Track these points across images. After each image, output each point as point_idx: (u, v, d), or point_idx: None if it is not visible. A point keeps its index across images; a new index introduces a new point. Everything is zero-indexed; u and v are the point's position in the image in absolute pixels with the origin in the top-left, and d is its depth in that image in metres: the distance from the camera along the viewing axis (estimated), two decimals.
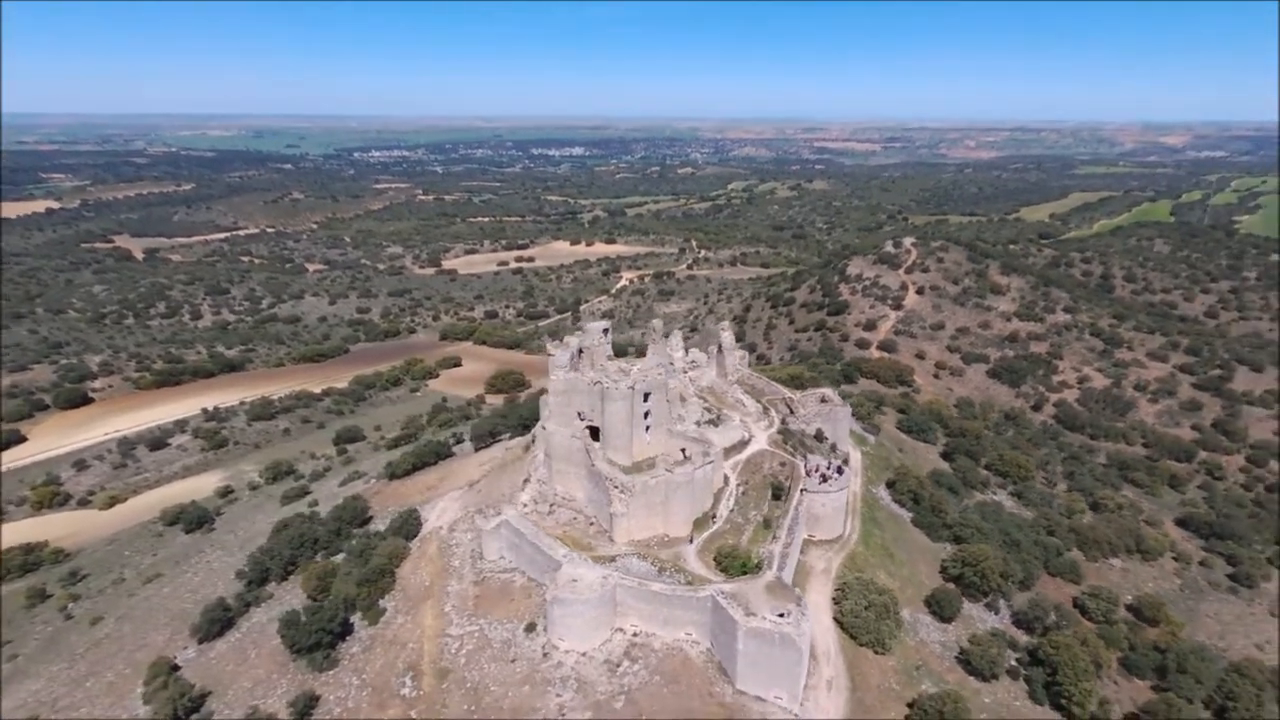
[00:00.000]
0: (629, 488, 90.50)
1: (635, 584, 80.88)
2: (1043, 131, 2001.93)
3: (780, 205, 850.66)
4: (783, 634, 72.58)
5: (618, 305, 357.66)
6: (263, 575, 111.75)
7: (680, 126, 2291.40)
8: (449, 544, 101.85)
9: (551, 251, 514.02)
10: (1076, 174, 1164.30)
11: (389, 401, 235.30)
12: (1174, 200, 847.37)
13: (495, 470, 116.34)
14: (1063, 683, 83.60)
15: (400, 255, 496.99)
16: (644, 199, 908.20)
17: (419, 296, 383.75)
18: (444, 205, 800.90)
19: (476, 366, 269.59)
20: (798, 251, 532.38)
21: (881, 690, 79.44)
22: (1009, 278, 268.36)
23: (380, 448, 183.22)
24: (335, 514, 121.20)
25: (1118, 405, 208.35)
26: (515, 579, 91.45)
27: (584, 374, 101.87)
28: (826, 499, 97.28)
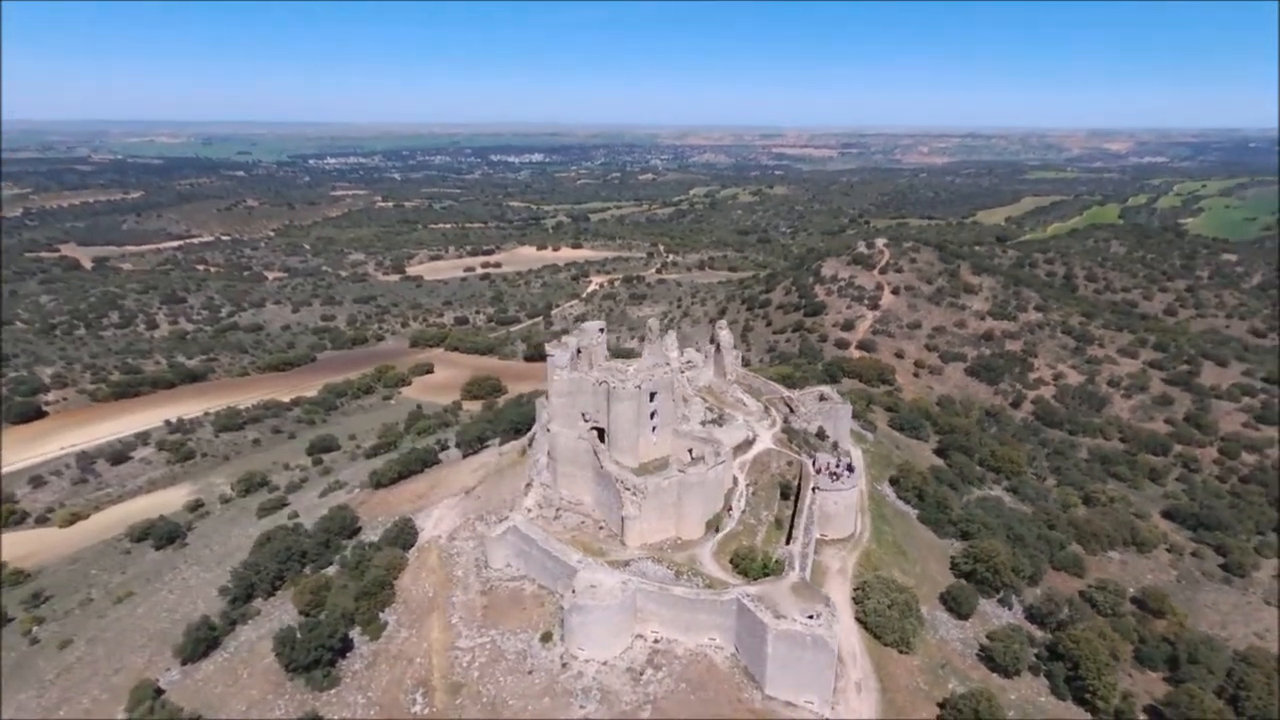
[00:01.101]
0: (641, 489, 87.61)
1: (656, 589, 77.96)
2: (993, 138, 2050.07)
3: (743, 210, 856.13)
4: (815, 636, 70.29)
5: (590, 309, 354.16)
6: (248, 591, 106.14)
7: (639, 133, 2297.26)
8: (450, 553, 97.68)
9: (518, 257, 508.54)
10: (1027, 179, 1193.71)
11: (362, 410, 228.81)
12: (1121, 204, 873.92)
13: (492, 476, 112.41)
14: (1085, 677, 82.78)
15: (363, 262, 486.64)
16: (607, 204, 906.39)
17: (385, 303, 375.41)
18: (404, 212, 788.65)
19: (450, 373, 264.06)
20: (764, 255, 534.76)
21: (910, 690, 77.64)
22: (980, 277, 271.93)
23: (358, 457, 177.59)
24: (322, 525, 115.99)
25: (1093, 401, 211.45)
26: (525, 587, 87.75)
27: (589, 374, 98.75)
28: (839, 497, 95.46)
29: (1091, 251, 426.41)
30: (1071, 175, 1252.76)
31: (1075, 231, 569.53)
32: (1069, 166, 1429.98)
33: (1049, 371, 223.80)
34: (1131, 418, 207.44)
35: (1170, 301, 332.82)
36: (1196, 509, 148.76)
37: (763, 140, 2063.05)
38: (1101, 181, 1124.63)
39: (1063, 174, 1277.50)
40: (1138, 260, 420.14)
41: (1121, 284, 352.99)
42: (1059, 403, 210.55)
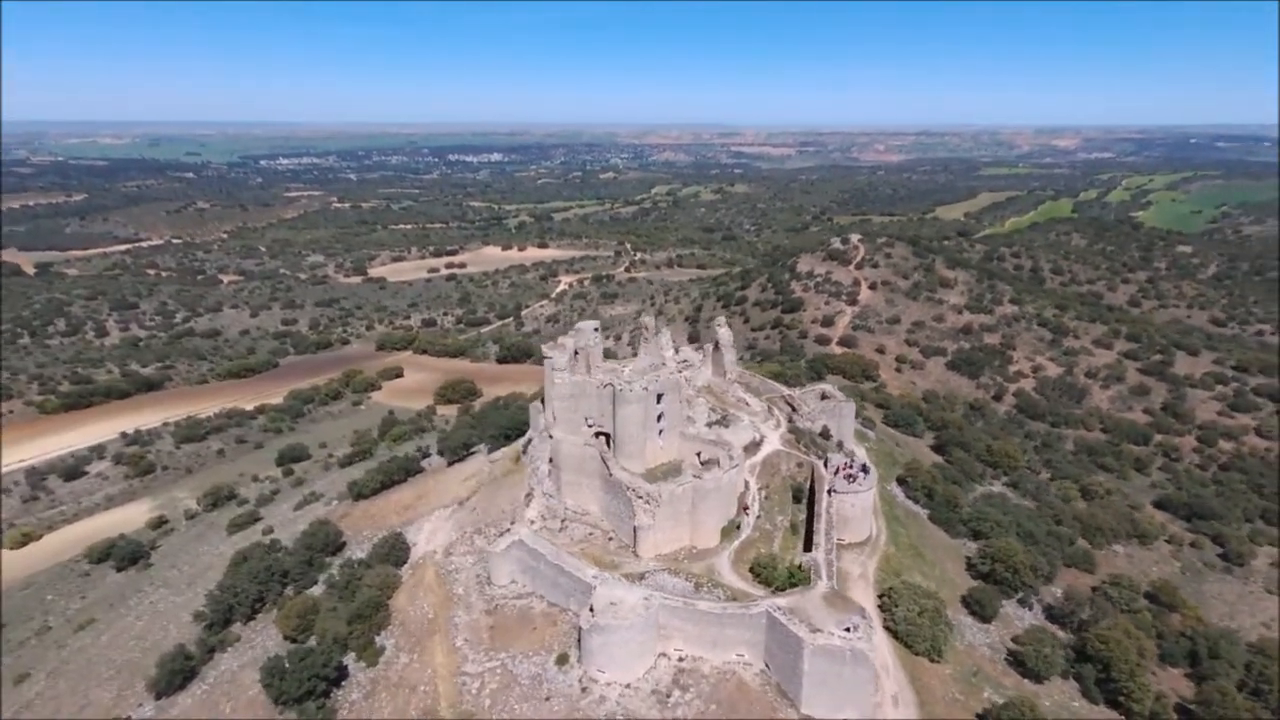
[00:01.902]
0: (655, 497, 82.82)
1: (681, 604, 73.21)
2: (946, 135, 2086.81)
3: (706, 208, 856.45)
4: (854, 651, 66.26)
5: (560, 309, 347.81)
6: (226, 616, 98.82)
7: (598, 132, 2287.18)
8: (448, 569, 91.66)
9: (483, 257, 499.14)
10: (981, 175, 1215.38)
11: (330, 416, 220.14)
12: (1074, 198, 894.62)
13: (486, 485, 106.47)
14: (1118, 679, 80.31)
15: (322, 264, 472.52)
16: (569, 203, 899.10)
17: (348, 306, 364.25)
18: (362, 213, 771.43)
19: (420, 376, 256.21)
20: (731, 252, 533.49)
21: (947, 702, 74.14)
22: (955, 271, 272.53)
23: (332, 466, 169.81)
24: (303, 542, 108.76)
25: (1072, 392, 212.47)
26: (533, 605, 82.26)
27: (592, 376, 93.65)
28: (856, 499, 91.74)
29: (1055, 245, 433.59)
30: (1024, 171, 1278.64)
31: (1036, 225, 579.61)
32: (1020, 163, 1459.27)
33: (1028, 364, 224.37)
34: (1111, 408, 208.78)
35: (1133, 293, 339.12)
36: (1186, 498, 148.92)
37: (721, 139, 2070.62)
38: (1053, 177, 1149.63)
39: (1015, 170, 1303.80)
40: (1098, 253, 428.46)
41: (1086, 276, 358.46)
42: (1040, 395, 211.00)
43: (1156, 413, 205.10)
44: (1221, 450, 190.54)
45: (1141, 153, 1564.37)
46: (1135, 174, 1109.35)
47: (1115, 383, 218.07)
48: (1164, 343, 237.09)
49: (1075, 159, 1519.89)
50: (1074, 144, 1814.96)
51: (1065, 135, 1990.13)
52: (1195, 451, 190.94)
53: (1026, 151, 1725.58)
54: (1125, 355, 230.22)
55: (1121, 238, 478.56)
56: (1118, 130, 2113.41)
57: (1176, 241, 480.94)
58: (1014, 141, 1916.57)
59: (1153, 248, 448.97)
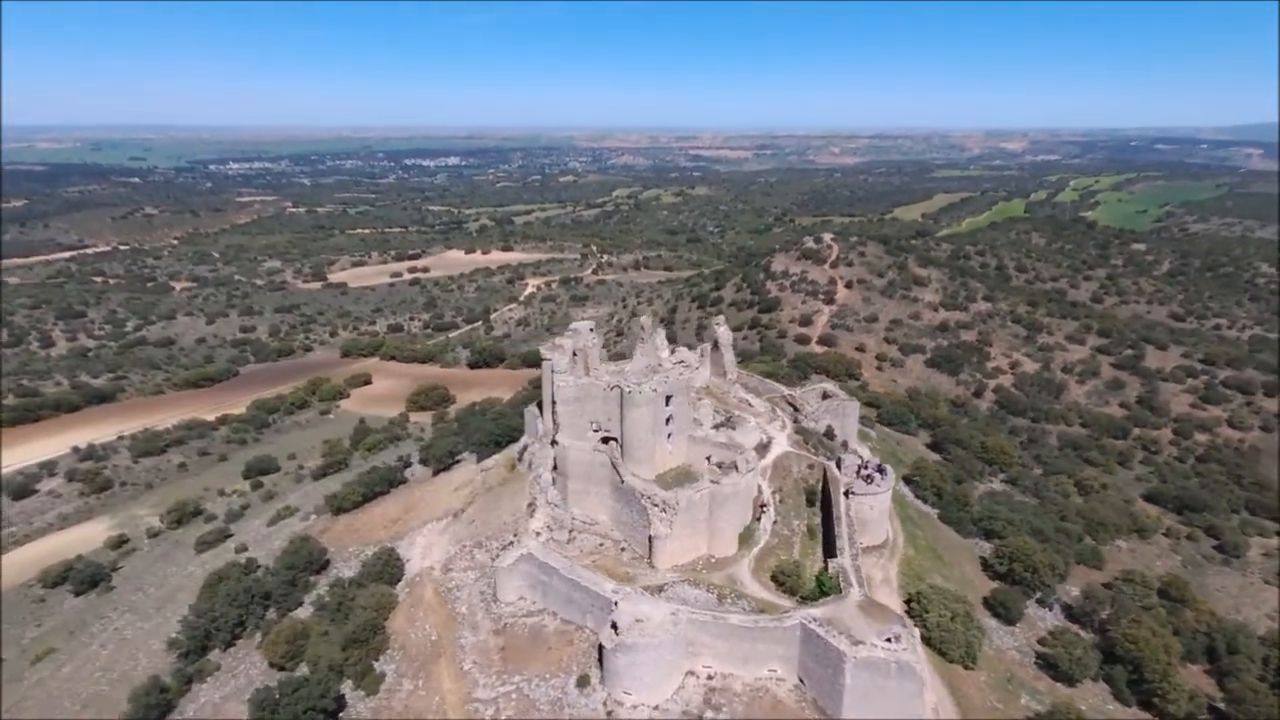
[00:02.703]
0: (672, 505, 78.42)
1: (710, 619, 68.87)
2: (899, 138, 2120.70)
3: (669, 210, 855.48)
4: (899, 663, 62.66)
5: (530, 312, 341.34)
6: (203, 643, 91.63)
7: (556, 136, 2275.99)
8: (448, 587, 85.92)
9: (446, 261, 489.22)
10: (935, 177, 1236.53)
11: (298, 426, 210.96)
12: (1025, 199, 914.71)
13: (482, 495, 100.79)
14: (1151, 679, 78.25)
15: (280, 270, 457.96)
16: (530, 206, 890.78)
17: (310, 312, 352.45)
18: (318, 217, 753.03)
19: (390, 383, 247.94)
20: (697, 254, 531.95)
21: (987, 710, 71.07)
22: (928, 269, 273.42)
23: (304, 478, 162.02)
24: (285, 560, 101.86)
25: (1050, 388, 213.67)
26: (546, 623, 77.14)
27: (598, 378, 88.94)
28: (874, 500, 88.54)
29: (1017, 244, 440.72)
30: (976, 173, 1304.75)
31: (995, 225, 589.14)
32: (972, 165, 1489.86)
33: (1005, 360, 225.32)
34: (1089, 403, 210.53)
35: (1095, 290, 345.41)
36: (1175, 491, 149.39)
37: (679, 142, 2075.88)
38: (1003, 179, 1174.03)
39: (967, 172, 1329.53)
40: (1058, 251, 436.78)
41: (1050, 274, 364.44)
42: (1019, 391, 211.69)
43: (1132, 406, 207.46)
44: (1197, 442, 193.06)
45: (1086, 155, 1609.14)
46: (1082, 175, 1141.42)
47: (1091, 378, 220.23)
48: (1134, 338, 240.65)
49: (1024, 161, 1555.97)
50: (1022, 146, 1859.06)
51: (1013, 138, 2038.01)
52: (1172, 444, 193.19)
53: (977, 154, 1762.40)
54: (1098, 350, 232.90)
55: (1078, 236, 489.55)
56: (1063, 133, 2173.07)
57: (1130, 240, 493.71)
58: (965, 144, 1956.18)
59: (1108, 246, 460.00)
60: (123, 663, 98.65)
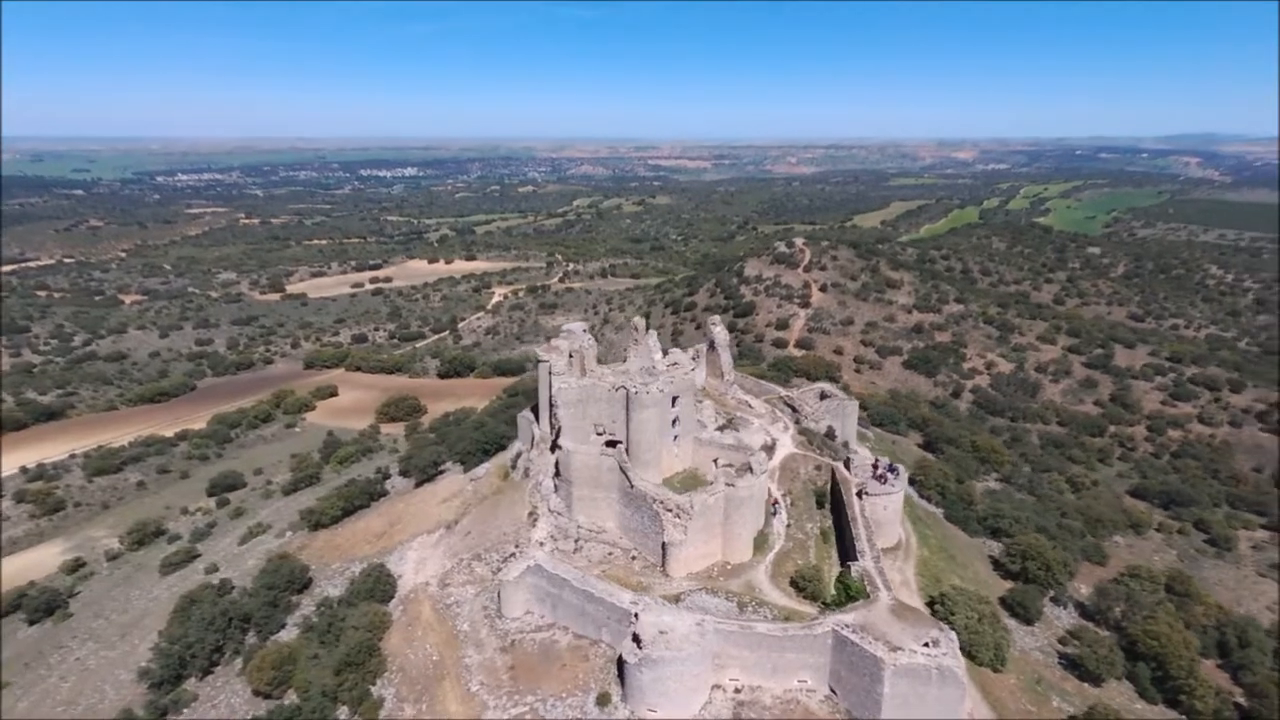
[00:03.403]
0: (687, 510, 74.64)
1: (737, 628, 65.11)
2: (854, 148, 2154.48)
3: (631, 220, 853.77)
4: (941, 668, 59.61)
5: (499, 321, 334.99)
6: (177, 671, 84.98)
7: (515, 146, 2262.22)
8: (446, 603, 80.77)
9: (409, 270, 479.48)
10: (890, 186, 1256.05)
11: (262, 441, 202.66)
12: (978, 206, 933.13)
13: (476, 506, 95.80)
14: (1177, 676, 76.59)
15: (235, 281, 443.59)
16: (491, 216, 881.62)
17: (269, 324, 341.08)
18: (273, 229, 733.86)
19: (357, 394, 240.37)
20: (663, 262, 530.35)
21: (1021, 714, 68.43)
22: (899, 272, 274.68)
23: (274, 494, 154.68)
24: (263, 580, 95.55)
25: (1026, 387, 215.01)
26: (557, 638, 72.58)
27: (601, 379, 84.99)
28: (888, 500, 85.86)
29: (979, 248, 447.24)
30: (929, 181, 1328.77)
31: (955, 230, 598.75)
32: (925, 174, 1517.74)
33: (980, 361, 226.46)
34: (1064, 401, 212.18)
35: (1057, 291, 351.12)
36: (1160, 487, 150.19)
37: (638, 152, 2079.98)
38: (956, 187, 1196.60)
39: (921, 180, 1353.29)
40: (1018, 255, 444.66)
41: (1013, 277, 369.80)
42: (996, 391, 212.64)
43: (1106, 404, 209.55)
44: (1171, 438, 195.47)
45: (1033, 164, 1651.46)
46: (1032, 183, 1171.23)
47: (1064, 376, 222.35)
48: (1102, 337, 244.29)
49: (975, 170, 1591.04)
50: (972, 156, 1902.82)
51: (964, 148, 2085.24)
52: (1147, 441, 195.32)
53: (930, 163, 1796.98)
54: (1069, 350, 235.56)
55: (1036, 240, 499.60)
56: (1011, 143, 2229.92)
57: (1085, 243, 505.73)
58: (917, 154, 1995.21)
59: (1065, 249, 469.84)
60: (88, 695, 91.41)
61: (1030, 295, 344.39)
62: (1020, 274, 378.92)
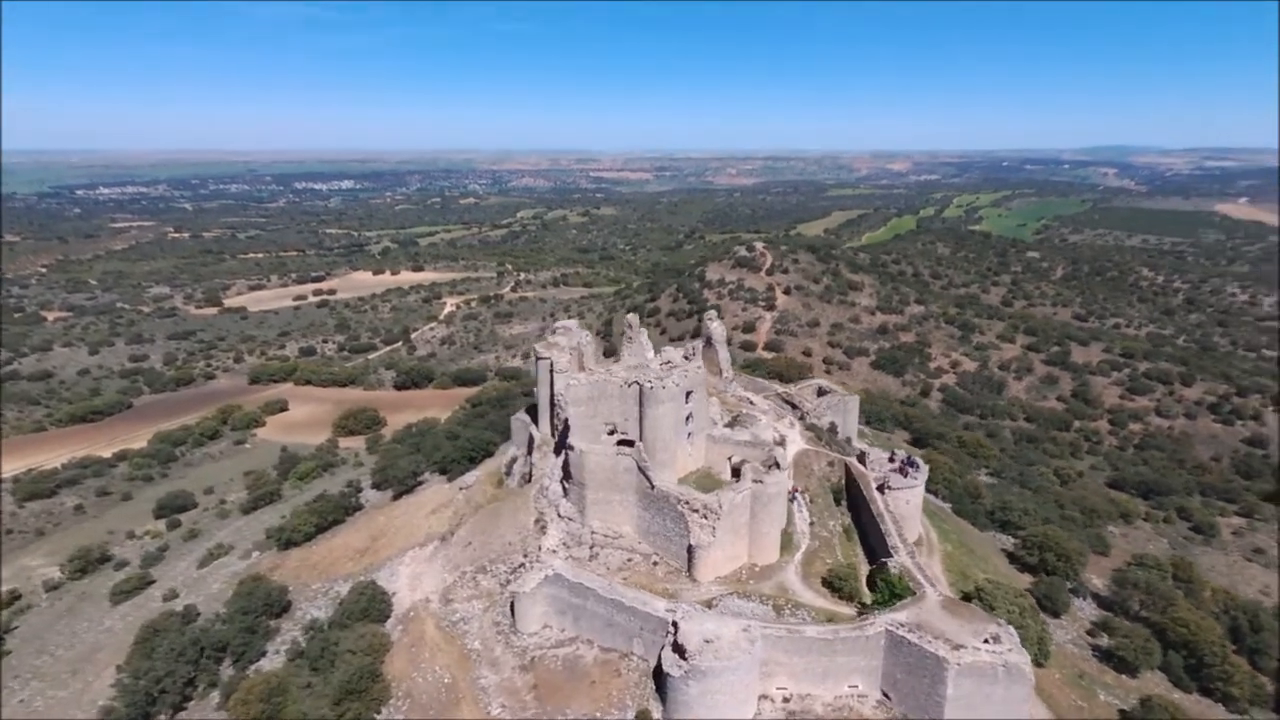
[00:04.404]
0: (714, 509, 70.03)
1: (785, 633, 60.64)
2: (791, 160, 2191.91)
3: (577, 230, 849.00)
4: (1008, 665, 56.23)
5: (454, 331, 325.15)
6: (145, 710, 76.29)
7: (454, 158, 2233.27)
8: (451, 620, 74.22)
9: (353, 282, 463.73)
10: (829, 196, 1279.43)
11: (210, 459, 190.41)
12: (915, 215, 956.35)
13: (472, 516, 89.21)
14: (1211, 664, 75.07)
15: (168, 295, 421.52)
16: (434, 228, 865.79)
17: (209, 338, 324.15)
18: (204, 242, 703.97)
19: (309, 409, 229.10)
20: (614, 271, 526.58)
21: (1074, 710, 65.65)
22: (859, 275, 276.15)
23: (230, 513, 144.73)
24: (236, 605, 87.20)
25: (991, 385, 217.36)
26: (581, 653, 66.92)
27: (612, 375, 79.95)
28: (910, 495, 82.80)
29: (925, 253, 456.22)
30: (866, 192, 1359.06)
31: (899, 237, 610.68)
32: (861, 184, 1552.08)
33: (946, 360, 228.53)
34: (1029, 398, 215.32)
35: (1004, 294, 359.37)
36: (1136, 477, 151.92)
37: (580, 164, 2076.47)
38: (892, 197, 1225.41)
39: (858, 191, 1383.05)
40: (962, 259, 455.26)
41: (962, 280, 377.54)
42: (964, 389, 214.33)
43: (1069, 400, 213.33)
44: (1133, 431, 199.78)
45: (964, 174, 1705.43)
46: (963, 193, 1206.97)
47: (1026, 374, 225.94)
48: (1058, 335, 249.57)
49: (908, 180, 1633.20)
50: (906, 167, 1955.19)
51: (897, 159, 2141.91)
52: (1111, 434, 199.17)
53: (865, 174, 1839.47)
54: (1028, 348, 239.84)
55: (978, 245, 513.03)
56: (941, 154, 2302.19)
57: (1024, 248, 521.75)
58: (853, 165, 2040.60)
59: (1006, 254, 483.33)
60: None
61: (980, 297, 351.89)
62: (968, 277, 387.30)
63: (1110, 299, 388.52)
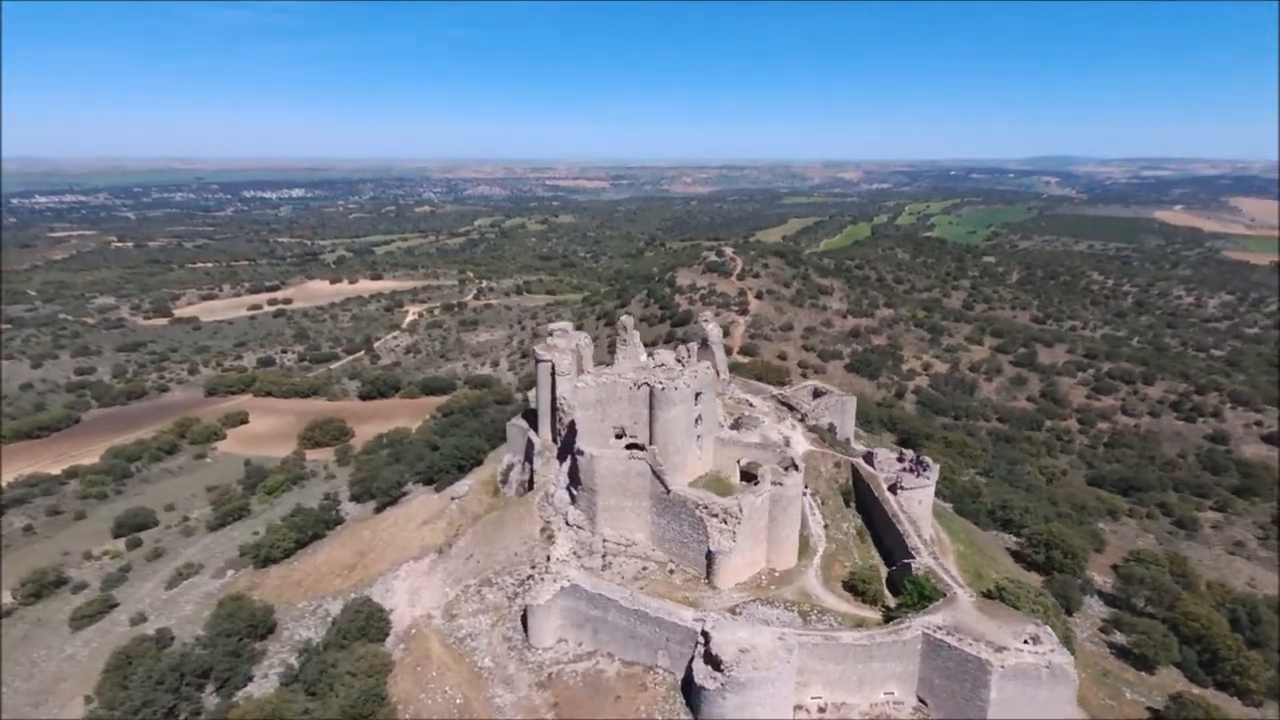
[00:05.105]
0: (734, 513, 67.56)
1: (820, 639, 58.29)
2: (746, 169, 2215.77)
3: (536, 238, 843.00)
4: (1052, 666, 54.72)
5: (419, 339, 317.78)
6: None
7: (408, 167, 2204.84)
8: (458, 636, 70.25)
9: (309, 291, 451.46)
10: (784, 204, 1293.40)
11: (169, 474, 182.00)
12: (869, 222, 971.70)
13: (470, 526, 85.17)
14: (1227, 657, 74.98)
15: (114, 306, 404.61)
16: (389, 237, 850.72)
17: (161, 349, 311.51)
18: (150, 251, 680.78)
19: (271, 420, 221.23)
20: (577, 278, 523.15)
21: (1106, 710, 64.57)
22: (829, 280, 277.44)
23: (195, 530, 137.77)
24: (218, 627, 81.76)
25: (964, 386, 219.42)
26: (602, 667, 63.64)
27: (621, 376, 77.05)
28: (923, 494, 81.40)
29: (886, 258, 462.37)
30: (820, 200, 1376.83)
31: (859, 243, 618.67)
32: (814, 193, 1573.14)
33: (918, 362, 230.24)
34: (1000, 399, 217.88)
35: (965, 297, 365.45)
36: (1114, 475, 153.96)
37: (535, 173, 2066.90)
38: (845, 205, 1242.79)
39: (811, 199, 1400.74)
40: (921, 265, 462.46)
41: (923, 284, 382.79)
42: (937, 391, 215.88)
43: (1039, 400, 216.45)
44: (1101, 430, 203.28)
45: (913, 183, 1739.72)
46: (915, 200, 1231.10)
47: (996, 375, 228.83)
48: (1024, 336, 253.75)
49: (860, 189, 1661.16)
50: (857, 176, 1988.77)
51: (849, 168, 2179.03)
52: (1081, 433, 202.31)
53: (818, 183, 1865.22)
54: (996, 350, 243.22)
55: (936, 251, 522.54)
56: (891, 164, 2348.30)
57: (980, 254, 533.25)
58: (806, 174, 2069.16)
59: (964, 259, 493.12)
60: None
61: (942, 301, 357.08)
62: (929, 281, 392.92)
63: (1065, 302, 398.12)
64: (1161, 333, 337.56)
